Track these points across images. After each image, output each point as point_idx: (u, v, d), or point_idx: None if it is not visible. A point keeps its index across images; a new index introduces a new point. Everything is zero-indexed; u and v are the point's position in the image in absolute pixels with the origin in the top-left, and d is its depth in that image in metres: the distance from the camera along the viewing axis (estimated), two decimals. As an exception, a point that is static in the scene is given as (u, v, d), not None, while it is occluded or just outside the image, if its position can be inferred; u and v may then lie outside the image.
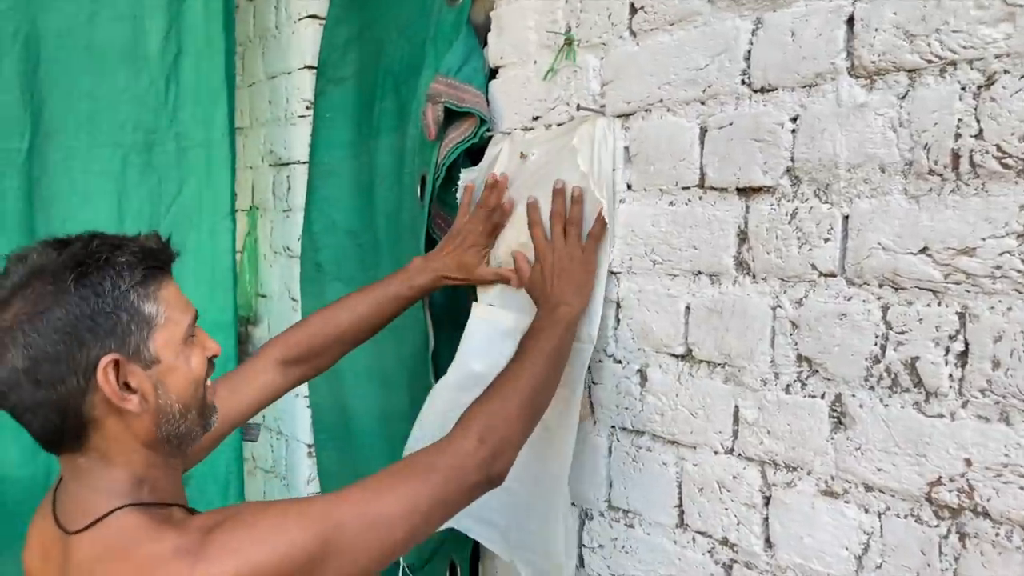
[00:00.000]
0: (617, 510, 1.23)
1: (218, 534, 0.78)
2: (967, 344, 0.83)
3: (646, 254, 1.16)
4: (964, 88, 0.82)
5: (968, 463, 0.83)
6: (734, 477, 1.06)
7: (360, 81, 1.86)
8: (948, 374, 0.85)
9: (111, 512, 0.81)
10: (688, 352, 1.11)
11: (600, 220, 1.18)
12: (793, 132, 0.97)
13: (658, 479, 1.16)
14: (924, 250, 0.86)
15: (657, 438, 1.16)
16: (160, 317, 0.84)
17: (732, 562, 1.07)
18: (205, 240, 1.84)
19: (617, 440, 1.22)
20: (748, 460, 1.04)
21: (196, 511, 0.87)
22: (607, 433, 1.23)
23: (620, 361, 1.21)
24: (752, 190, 1.02)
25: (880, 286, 0.90)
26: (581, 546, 1.28)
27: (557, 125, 1.29)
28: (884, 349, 0.90)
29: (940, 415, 0.86)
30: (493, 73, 1.43)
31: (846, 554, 0.94)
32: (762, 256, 1.01)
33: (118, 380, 0.81)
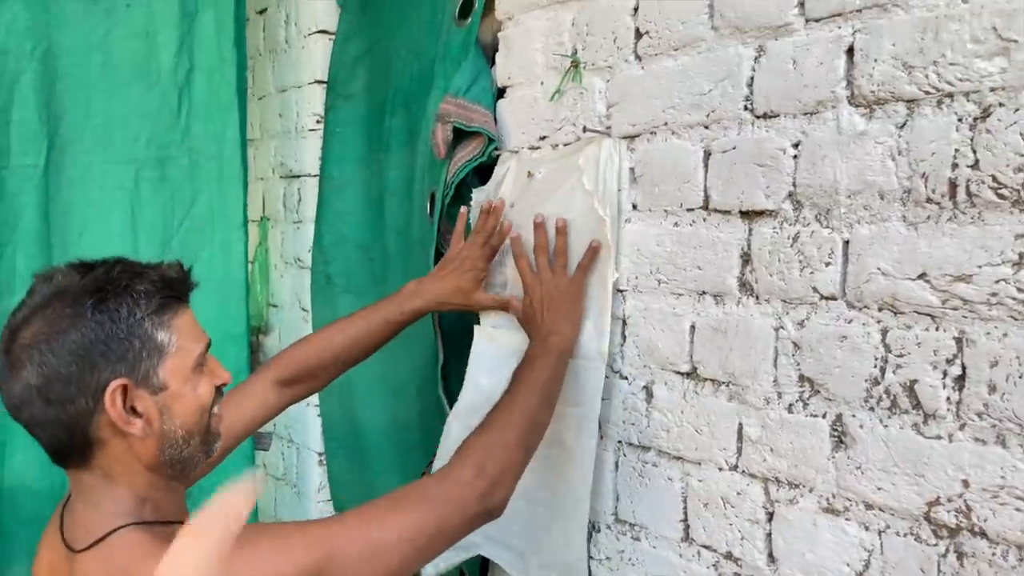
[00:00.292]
0: (624, 523, 1.25)
1: None
2: (964, 368, 0.85)
3: (651, 273, 1.18)
4: (961, 119, 0.84)
5: (966, 484, 0.86)
6: (738, 493, 1.08)
7: (370, 97, 1.88)
8: (946, 397, 0.87)
9: (114, 531, 0.84)
10: (693, 370, 1.14)
11: (591, 250, 1.19)
12: (795, 158, 1.00)
13: (664, 494, 1.18)
14: (922, 276, 0.88)
15: (663, 454, 1.18)
16: (172, 345, 0.87)
17: (736, 576, 1.10)
18: (218, 252, 1.86)
19: (624, 455, 1.24)
20: (752, 477, 1.07)
21: None
22: (614, 448, 1.26)
23: (626, 377, 1.23)
24: (755, 213, 1.05)
25: (880, 310, 0.92)
26: (589, 558, 1.31)
27: (563, 145, 1.32)
28: (883, 371, 0.92)
29: (938, 437, 0.88)
30: (501, 92, 1.45)
31: (847, 570, 0.96)
32: (765, 278, 1.04)
33: (125, 404, 0.83)
